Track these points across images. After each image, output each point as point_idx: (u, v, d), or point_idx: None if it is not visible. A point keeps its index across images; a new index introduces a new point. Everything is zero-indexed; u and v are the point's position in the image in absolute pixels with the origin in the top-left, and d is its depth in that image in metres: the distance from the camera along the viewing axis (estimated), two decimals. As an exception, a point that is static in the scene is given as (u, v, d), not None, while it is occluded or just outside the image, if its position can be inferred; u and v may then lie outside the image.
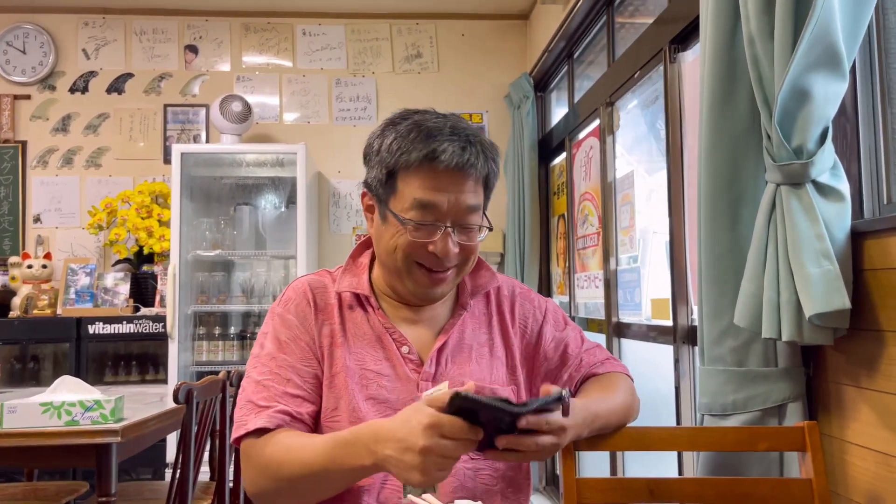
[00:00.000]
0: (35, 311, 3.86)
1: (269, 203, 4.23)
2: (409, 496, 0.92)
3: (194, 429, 1.99)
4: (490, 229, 1.19)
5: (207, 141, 4.27)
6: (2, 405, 1.81)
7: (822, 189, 1.32)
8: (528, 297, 1.33)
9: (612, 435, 1.28)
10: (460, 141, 1.12)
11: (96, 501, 1.87)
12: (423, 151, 1.11)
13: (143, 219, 3.96)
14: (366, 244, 1.30)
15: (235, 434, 1.14)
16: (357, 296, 1.23)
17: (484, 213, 1.19)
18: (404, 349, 1.19)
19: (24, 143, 4.20)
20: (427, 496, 0.90)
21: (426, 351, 1.20)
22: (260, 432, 1.11)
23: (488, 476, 1.17)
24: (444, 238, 1.13)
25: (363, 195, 1.22)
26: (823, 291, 1.25)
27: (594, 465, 2.99)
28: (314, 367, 1.18)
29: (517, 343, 1.28)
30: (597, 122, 3.00)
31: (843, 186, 1.32)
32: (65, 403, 1.80)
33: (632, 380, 1.34)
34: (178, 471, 1.99)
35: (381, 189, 1.16)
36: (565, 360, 1.30)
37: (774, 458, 1.43)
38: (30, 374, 3.91)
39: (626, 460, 2.66)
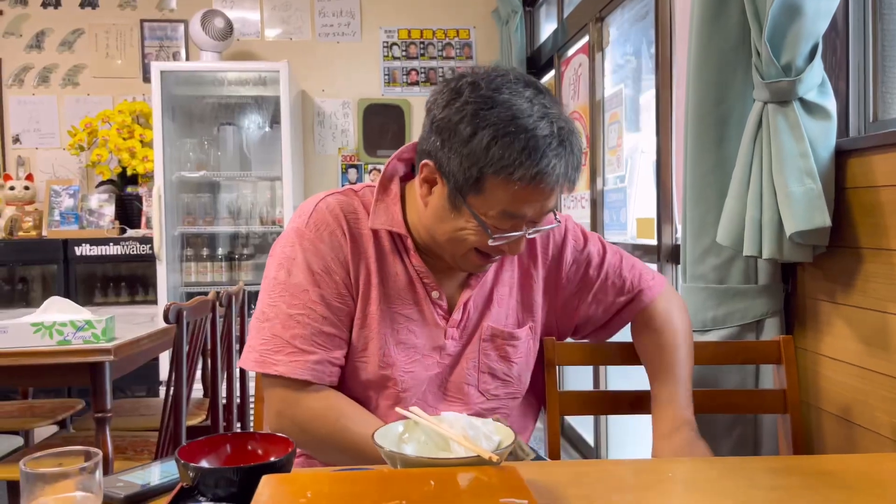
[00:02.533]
0: (20, 233, 3.84)
1: (252, 123, 4.17)
2: (397, 409, 0.95)
3: (185, 348, 2.02)
4: (559, 221, 1.16)
5: (187, 58, 4.16)
6: (-7, 325, 1.83)
7: (809, 107, 1.31)
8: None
9: (592, 349, 1.31)
10: (566, 155, 1.02)
11: (92, 417, 1.91)
12: (530, 171, 0.99)
13: (124, 139, 3.89)
14: (392, 167, 1.18)
15: (260, 368, 1.09)
16: (391, 235, 1.15)
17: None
18: (434, 294, 1.16)
19: (-3, 61, 4.08)
20: (414, 408, 0.93)
21: (454, 297, 1.18)
22: (298, 382, 1.08)
23: (503, 414, 1.20)
24: (519, 241, 1.08)
25: (426, 165, 1.07)
26: (805, 210, 1.27)
27: (578, 378, 3.09)
28: (348, 305, 1.13)
29: (539, 273, 1.23)
30: (586, 39, 2.94)
31: (830, 104, 1.32)
32: (56, 323, 1.81)
33: (668, 285, 1.31)
34: (172, 388, 2.03)
35: (461, 182, 1.03)
36: (588, 283, 1.25)
37: (750, 371, 1.48)
38: (19, 295, 3.93)
39: (609, 375, 2.74)
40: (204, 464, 0.85)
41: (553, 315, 1.27)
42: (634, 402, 1.30)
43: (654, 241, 2.27)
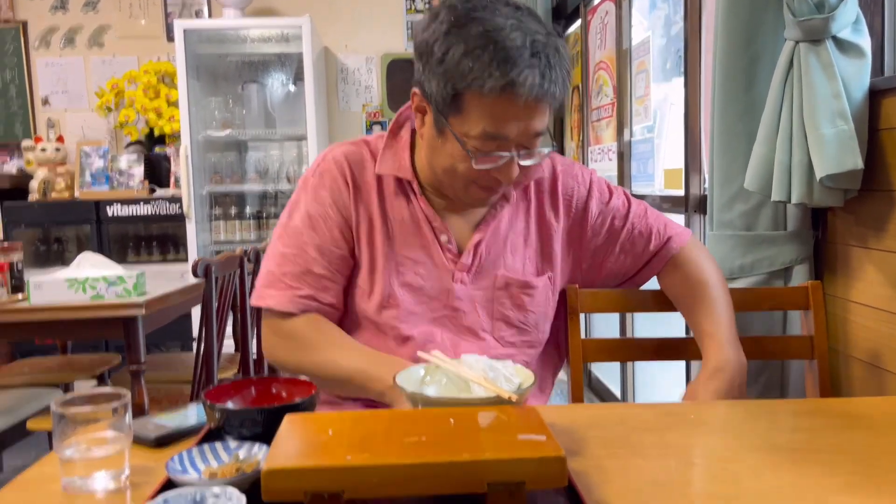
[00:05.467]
0: (53, 195, 3.91)
1: (276, 81, 4.16)
2: (419, 353, 0.96)
3: (215, 303, 2.06)
4: (554, 147, 1.12)
5: (210, 16, 4.15)
6: (28, 282, 1.87)
7: (843, 45, 1.27)
8: (570, 172, 1.25)
9: (616, 296, 1.30)
10: (541, 66, 0.99)
11: (128, 370, 1.97)
12: (500, 81, 0.98)
13: (150, 99, 3.92)
14: (405, 115, 1.20)
15: (255, 302, 1.16)
16: (398, 179, 1.17)
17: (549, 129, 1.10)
18: (443, 238, 1.16)
19: (24, 24, 4.10)
20: (436, 352, 0.94)
21: (464, 240, 1.18)
22: (286, 313, 1.13)
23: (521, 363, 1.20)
24: (508, 165, 1.06)
25: (414, 94, 1.10)
26: (836, 152, 1.23)
27: (605, 325, 3.08)
28: (342, 250, 1.16)
29: (561, 224, 1.22)
30: (613, -15, 2.86)
31: (864, 42, 1.27)
32: (89, 279, 1.85)
33: (693, 235, 1.29)
34: (203, 342, 2.08)
35: (441, 103, 1.04)
36: (614, 235, 1.25)
37: (778, 318, 1.46)
38: (55, 255, 4.02)
39: (636, 322, 2.73)
40: (229, 405, 0.87)
41: (579, 269, 1.27)
42: (660, 349, 1.30)
43: (681, 192, 2.24)
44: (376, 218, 1.16)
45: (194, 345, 3.68)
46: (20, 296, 1.91)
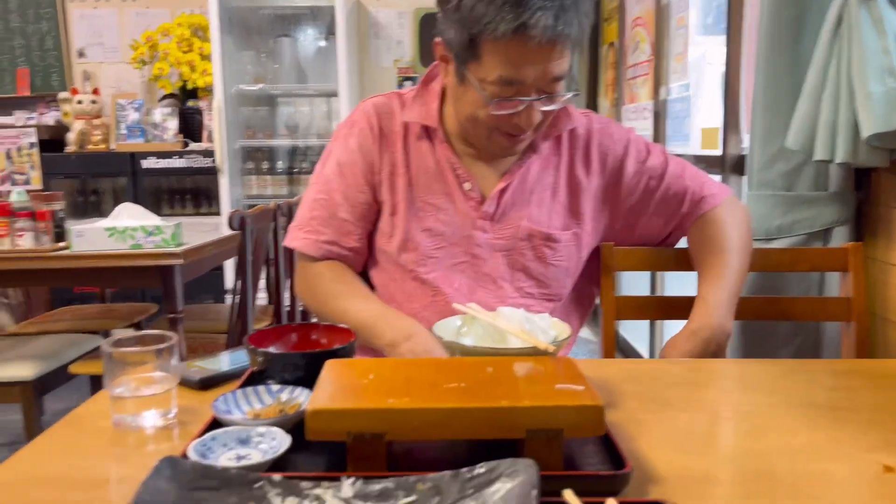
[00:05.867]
0: (90, 147, 3.97)
1: (308, 35, 4.13)
2: (455, 305, 0.97)
3: (250, 255, 2.09)
4: (577, 93, 1.12)
5: (243, -32, 4.11)
6: (70, 230, 1.92)
7: (894, 0, 1.22)
8: (607, 131, 1.24)
9: (650, 254, 1.30)
10: (554, 8, 0.98)
11: (165, 319, 2.01)
12: (511, 24, 0.98)
13: (184, 52, 3.92)
14: (437, 69, 1.21)
15: (286, 243, 1.25)
16: (424, 127, 1.20)
17: (570, 72, 1.09)
18: (466, 186, 1.18)
19: (59, -25, 4.11)
20: (472, 304, 0.95)
21: (488, 189, 1.19)
22: (310, 257, 1.22)
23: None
24: (528, 111, 1.07)
25: (437, 44, 1.12)
26: (884, 110, 1.20)
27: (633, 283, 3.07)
28: (366, 195, 1.20)
29: (593, 183, 1.22)
30: (654, -62, 2.78)
31: (920, -4, 1.23)
32: (128, 229, 1.89)
33: (732, 196, 1.28)
34: (238, 294, 2.12)
35: (459, 51, 1.06)
36: (648, 195, 1.24)
37: (815, 280, 1.44)
38: (92, 207, 4.09)
39: (667, 281, 2.71)
40: (272, 350, 0.89)
41: (612, 228, 1.26)
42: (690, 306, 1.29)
43: (718, 152, 2.20)
44: (400, 164, 1.20)
45: (227, 298, 3.76)
46: (62, 244, 1.95)
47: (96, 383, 2.49)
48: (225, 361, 0.99)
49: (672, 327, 2.70)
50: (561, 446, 0.66)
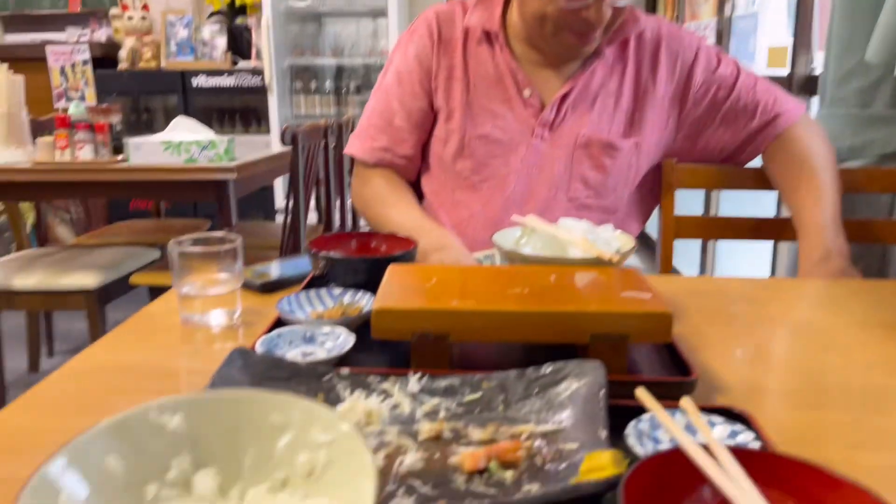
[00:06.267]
0: (141, 64, 3.98)
1: (357, -52, 4.01)
2: (514, 217, 0.96)
3: (302, 171, 2.10)
4: None
5: None
6: (127, 142, 1.94)
7: None
8: (676, 36, 1.20)
9: (715, 172, 1.26)
10: None
11: (219, 233, 2.05)
12: None
13: (232, -34, 3.86)
14: None
15: (346, 150, 1.28)
16: (486, 32, 1.18)
17: None
18: (526, 92, 1.16)
19: None
20: (531, 216, 0.94)
21: (549, 96, 1.16)
22: (366, 163, 1.24)
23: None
24: (597, 5, 1.05)
25: None
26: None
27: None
28: (422, 101, 1.20)
29: (659, 90, 1.18)
30: None
31: None
32: (183, 142, 1.91)
33: (807, 113, 1.23)
34: (290, 208, 2.14)
35: None
36: (716, 106, 1.19)
37: (885, 202, 1.38)
38: (143, 125, 4.14)
39: (721, 202, 2.64)
40: (334, 255, 0.89)
41: (674, 139, 1.22)
42: (756, 228, 1.26)
43: (785, 71, 2.10)
44: (458, 70, 1.18)
45: (277, 217, 3.81)
46: (120, 156, 1.98)
47: (155, 295, 2.58)
48: (284, 267, 1.00)
49: (726, 251, 2.64)
50: (626, 352, 0.65)
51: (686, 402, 0.48)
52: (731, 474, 0.40)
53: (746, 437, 0.52)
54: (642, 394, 0.49)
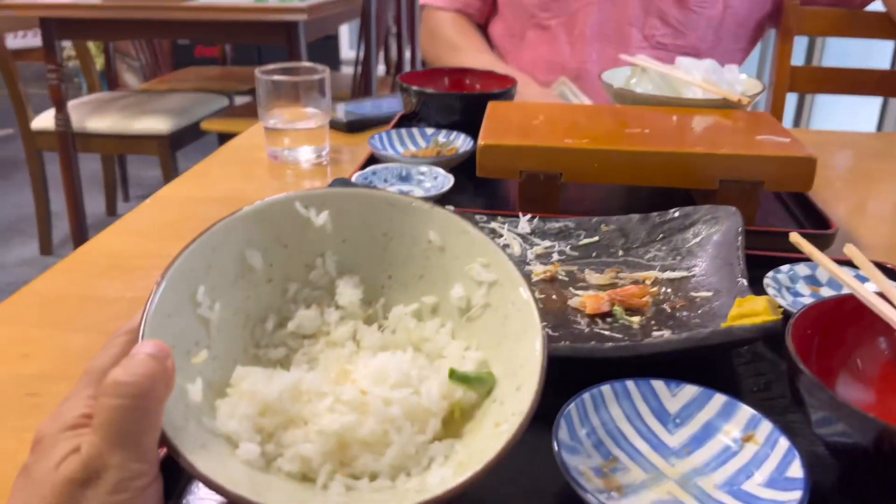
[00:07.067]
0: None
1: None
2: (622, 56, 0.87)
3: (373, 16, 2.00)
4: None
5: None
6: (194, -20, 1.86)
7: None
8: None
9: (844, 17, 1.12)
10: None
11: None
12: None
13: None
14: None
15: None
16: None
17: None
18: None
19: None
20: (641, 55, 0.85)
21: None
22: (437, 8, 1.19)
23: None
24: None
25: None
26: None
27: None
28: None
29: None
30: None
31: None
32: (251, -20, 1.81)
33: None
34: (360, 62, 2.05)
35: None
36: None
37: None
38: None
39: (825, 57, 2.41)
40: (428, 90, 0.83)
41: None
42: (882, 82, 1.13)
43: None
44: None
45: (342, 68, 3.70)
46: (187, -5, 1.91)
47: (224, 140, 2.57)
48: (371, 106, 0.95)
49: (826, 104, 2.43)
50: (758, 201, 0.59)
51: (851, 249, 0.42)
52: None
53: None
54: (798, 239, 0.43)
